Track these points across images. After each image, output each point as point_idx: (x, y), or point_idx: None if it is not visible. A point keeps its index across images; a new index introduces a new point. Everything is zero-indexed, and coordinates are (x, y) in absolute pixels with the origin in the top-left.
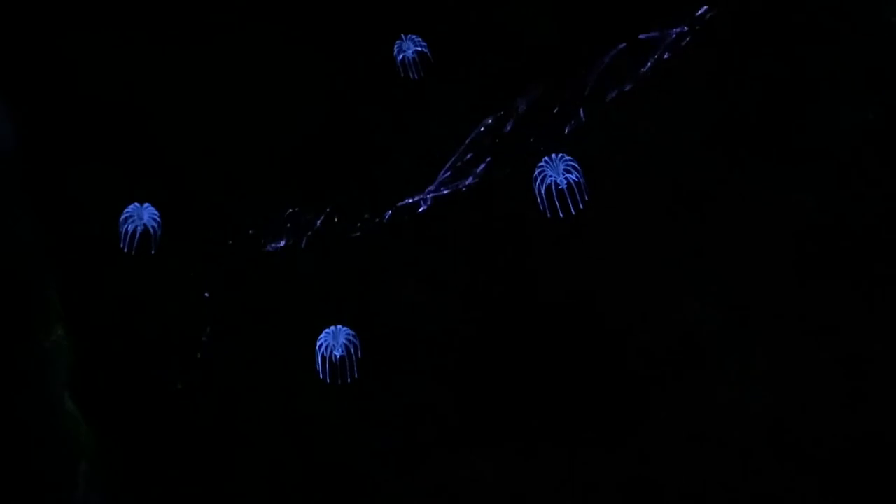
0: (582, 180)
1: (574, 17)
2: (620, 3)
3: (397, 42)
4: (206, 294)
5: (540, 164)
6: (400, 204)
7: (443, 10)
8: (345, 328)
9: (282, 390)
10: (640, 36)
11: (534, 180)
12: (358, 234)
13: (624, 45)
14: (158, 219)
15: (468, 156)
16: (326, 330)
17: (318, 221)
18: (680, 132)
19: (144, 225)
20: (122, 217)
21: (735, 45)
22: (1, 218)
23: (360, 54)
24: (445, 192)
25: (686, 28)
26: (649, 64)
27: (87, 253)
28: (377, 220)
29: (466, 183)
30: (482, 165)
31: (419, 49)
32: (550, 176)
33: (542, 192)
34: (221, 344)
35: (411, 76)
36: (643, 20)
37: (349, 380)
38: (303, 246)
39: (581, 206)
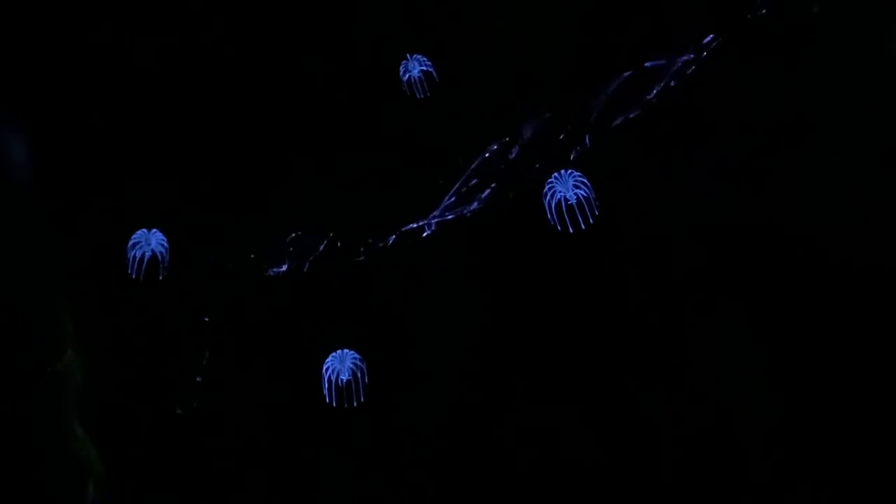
0: (592, 195)
1: (581, 44)
2: (627, 30)
3: (403, 62)
4: (206, 318)
5: (550, 180)
6: (404, 229)
7: (449, 36)
8: (351, 352)
9: (286, 414)
10: (646, 64)
11: (544, 196)
12: (361, 258)
13: (630, 72)
14: (166, 244)
15: (473, 181)
16: (333, 354)
17: (322, 246)
18: (685, 159)
19: (152, 251)
20: (131, 243)
21: (739, 73)
22: (15, 242)
23: (365, 77)
24: (450, 217)
25: (692, 56)
26: (655, 91)
27: (98, 276)
28: (381, 244)
29: (471, 208)
30: (487, 191)
31: (424, 69)
32: (560, 191)
33: (553, 207)
34: (224, 368)
35: (417, 95)
36: (649, 48)
37: (355, 403)
38: (305, 270)
39: (591, 221)
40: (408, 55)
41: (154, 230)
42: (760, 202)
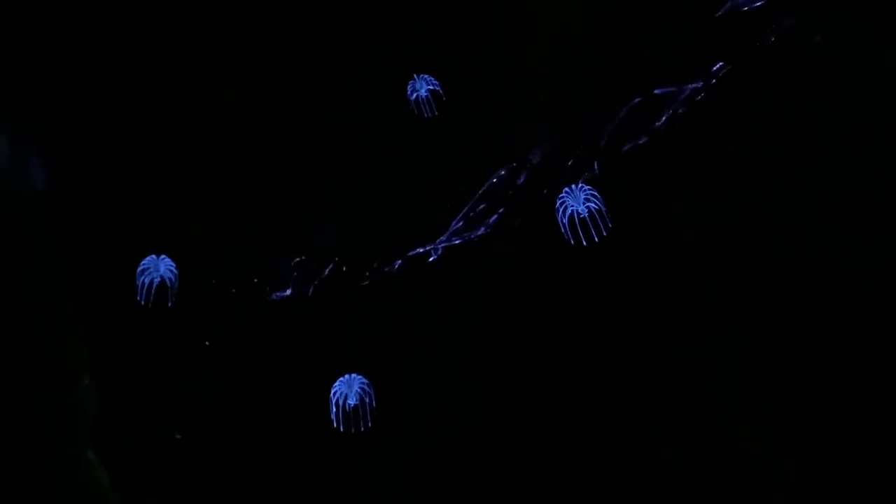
0: (603, 208)
1: (591, 70)
2: (637, 57)
3: (410, 82)
4: (206, 342)
5: (561, 195)
6: (410, 253)
7: (458, 60)
8: (359, 377)
9: (292, 438)
10: (656, 91)
11: (556, 211)
12: (366, 282)
13: (639, 99)
14: (175, 270)
15: (481, 206)
16: (340, 378)
17: (327, 270)
18: (695, 184)
19: (161, 277)
20: (139, 269)
21: (749, 99)
22: (30, 263)
23: (372, 99)
24: (457, 241)
25: (701, 83)
26: (664, 118)
27: (113, 301)
28: (386, 269)
29: (478, 233)
30: (495, 216)
31: (432, 87)
32: (572, 206)
33: (565, 221)
34: (228, 393)
35: (425, 114)
36: (659, 75)
37: (363, 428)
38: (309, 294)
39: (604, 234)
40: (415, 75)
41: (163, 256)
42: (768, 227)
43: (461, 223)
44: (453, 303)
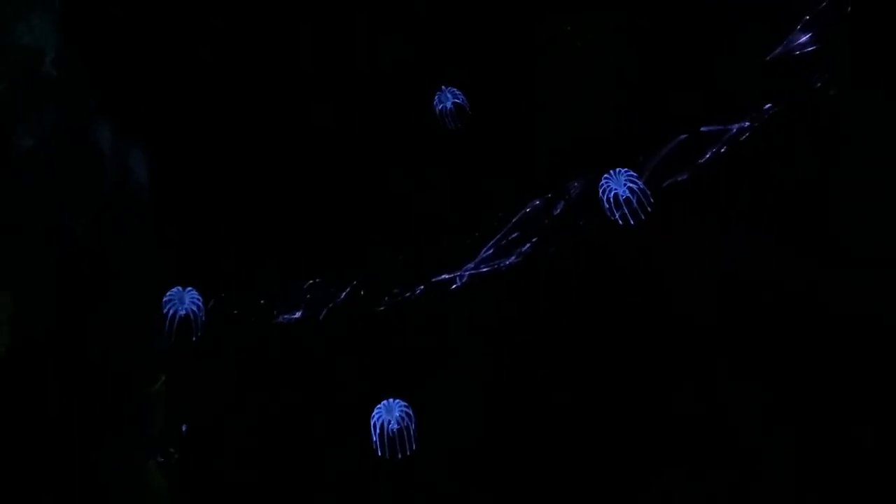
0: (643, 187)
1: (637, 103)
2: (686, 94)
3: (437, 93)
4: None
5: (602, 180)
6: (434, 280)
7: (500, 87)
8: (399, 401)
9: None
10: (702, 129)
11: (600, 193)
12: (382, 308)
13: (685, 136)
14: (201, 304)
15: (514, 234)
16: (379, 405)
17: (343, 294)
18: (732, 224)
19: (186, 310)
20: (165, 299)
21: (792, 143)
22: (131, 261)
23: (401, 117)
24: (485, 269)
25: (747, 123)
26: (707, 156)
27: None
28: (408, 294)
29: (508, 262)
30: (528, 245)
31: (457, 101)
32: (613, 188)
33: (607, 202)
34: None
35: (449, 126)
36: (708, 113)
37: (408, 452)
38: (320, 318)
39: (647, 213)
40: (442, 87)
41: (189, 288)
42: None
43: (491, 251)
44: (471, 332)
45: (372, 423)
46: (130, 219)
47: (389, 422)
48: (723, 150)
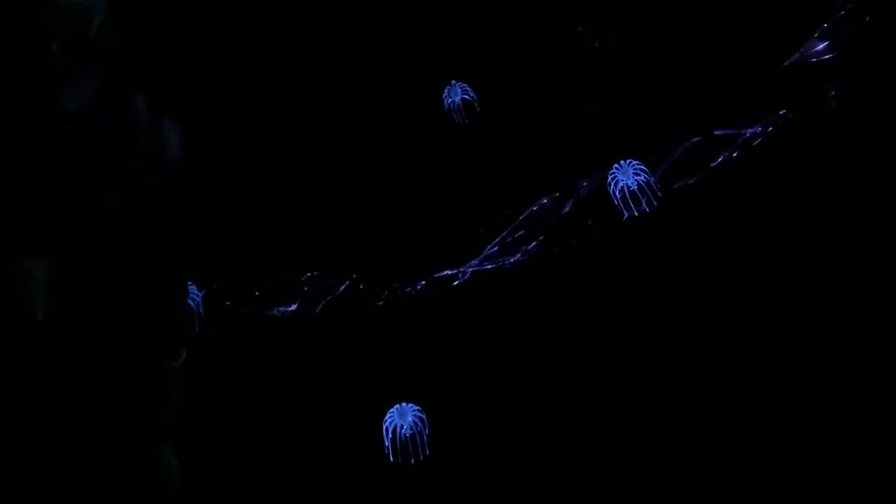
0: (652, 180)
1: (651, 105)
2: (702, 96)
3: (447, 88)
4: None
5: (612, 170)
6: (436, 275)
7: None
8: (412, 405)
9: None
10: (716, 132)
11: (608, 185)
12: (381, 303)
13: (699, 138)
14: (198, 298)
15: (520, 232)
16: (392, 408)
17: (342, 287)
18: (738, 230)
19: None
20: None
21: (805, 151)
22: (163, 232)
23: (408, 112)
24: (488, 266)
25: (760, 129)
26: (720, 160)
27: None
28: (409, 289)
29: (512, 260)
30: (534, 243)
31: (466, 97)
32: (622, 180)
33: (616, 194)
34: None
35: (457, 121)
36: (722, 116)
37: (421, 457)
38: (317, 311)
39: (654, 205)
40: (452, 81)
41: (189, 283)
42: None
43: (496, 248)
44: (472, 329)
45: (384, 428)
46: (164, 190)
47: (402, 426)
48: (734, 154)
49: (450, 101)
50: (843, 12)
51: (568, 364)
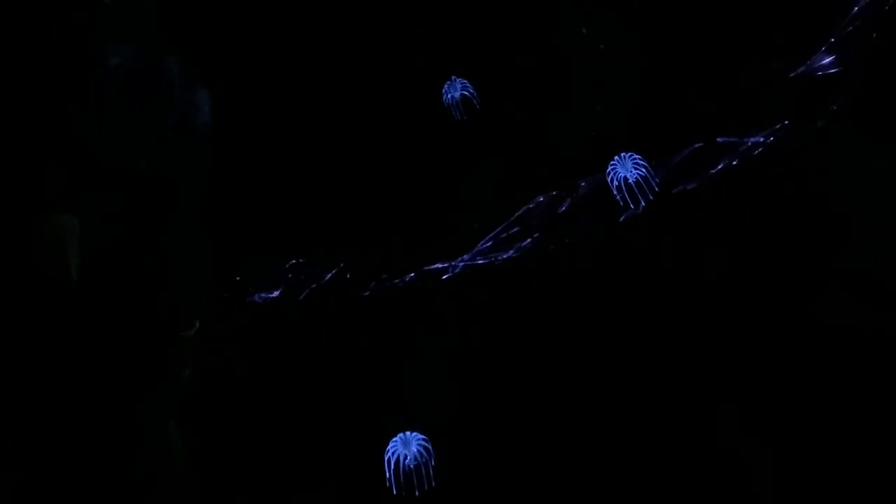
0: (651, 174)
1: (654, 110)
2: (706, 104)
3: (446, 84)
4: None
5: (611, 163)
6: (426, 268)
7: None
8: (417, 434)
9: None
10: (718, 139)
11: (607, 177)
12: (367, 293)
13: (700, 144)
14: None
15: (515, 229)
16: (396, 437)
17: (328, 275)
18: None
19: None
20: None
21: (805, 163)
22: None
23: (405, 106)
24: (480, 262)
25: (762, 138)
26: (720, 167)
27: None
28: (397, 280)
29: (505, 256)
30: (528, 241)
31: (465, 93)
32: (621, 173)
33: (615, 187)
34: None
35: (455, 116)
36: (726, 124)
37: (426, 489)
38: (300, 299)
39: (650, 198)
40: (453, 77)
41: None
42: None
43: (490, 243)
44: (458, 323)
45: (386, 459)
46: (194, 156)
47: (406, 457)
48: (734, 162)
49: (449, 96)
50: (851, 28)
51: (552, 364)
